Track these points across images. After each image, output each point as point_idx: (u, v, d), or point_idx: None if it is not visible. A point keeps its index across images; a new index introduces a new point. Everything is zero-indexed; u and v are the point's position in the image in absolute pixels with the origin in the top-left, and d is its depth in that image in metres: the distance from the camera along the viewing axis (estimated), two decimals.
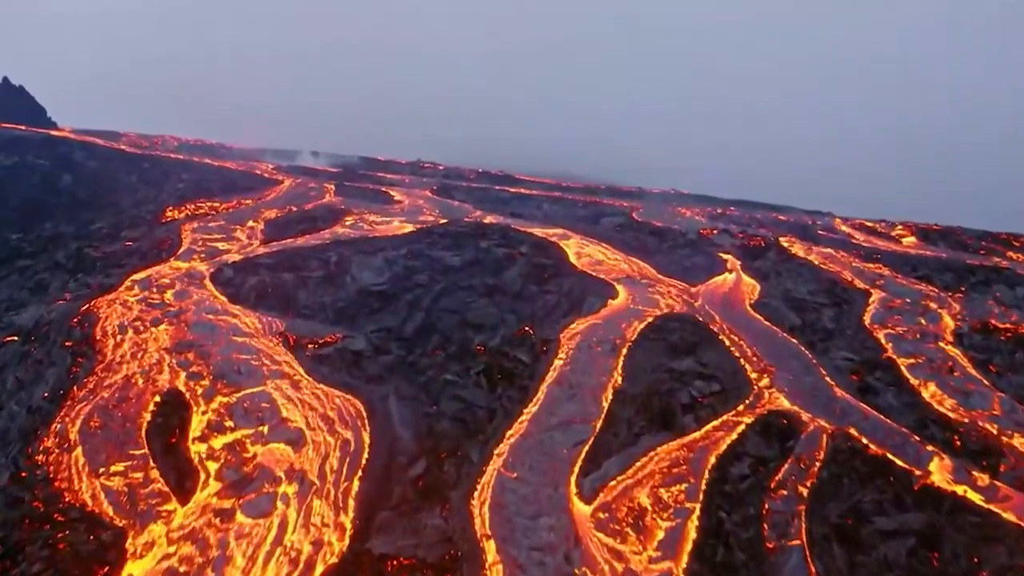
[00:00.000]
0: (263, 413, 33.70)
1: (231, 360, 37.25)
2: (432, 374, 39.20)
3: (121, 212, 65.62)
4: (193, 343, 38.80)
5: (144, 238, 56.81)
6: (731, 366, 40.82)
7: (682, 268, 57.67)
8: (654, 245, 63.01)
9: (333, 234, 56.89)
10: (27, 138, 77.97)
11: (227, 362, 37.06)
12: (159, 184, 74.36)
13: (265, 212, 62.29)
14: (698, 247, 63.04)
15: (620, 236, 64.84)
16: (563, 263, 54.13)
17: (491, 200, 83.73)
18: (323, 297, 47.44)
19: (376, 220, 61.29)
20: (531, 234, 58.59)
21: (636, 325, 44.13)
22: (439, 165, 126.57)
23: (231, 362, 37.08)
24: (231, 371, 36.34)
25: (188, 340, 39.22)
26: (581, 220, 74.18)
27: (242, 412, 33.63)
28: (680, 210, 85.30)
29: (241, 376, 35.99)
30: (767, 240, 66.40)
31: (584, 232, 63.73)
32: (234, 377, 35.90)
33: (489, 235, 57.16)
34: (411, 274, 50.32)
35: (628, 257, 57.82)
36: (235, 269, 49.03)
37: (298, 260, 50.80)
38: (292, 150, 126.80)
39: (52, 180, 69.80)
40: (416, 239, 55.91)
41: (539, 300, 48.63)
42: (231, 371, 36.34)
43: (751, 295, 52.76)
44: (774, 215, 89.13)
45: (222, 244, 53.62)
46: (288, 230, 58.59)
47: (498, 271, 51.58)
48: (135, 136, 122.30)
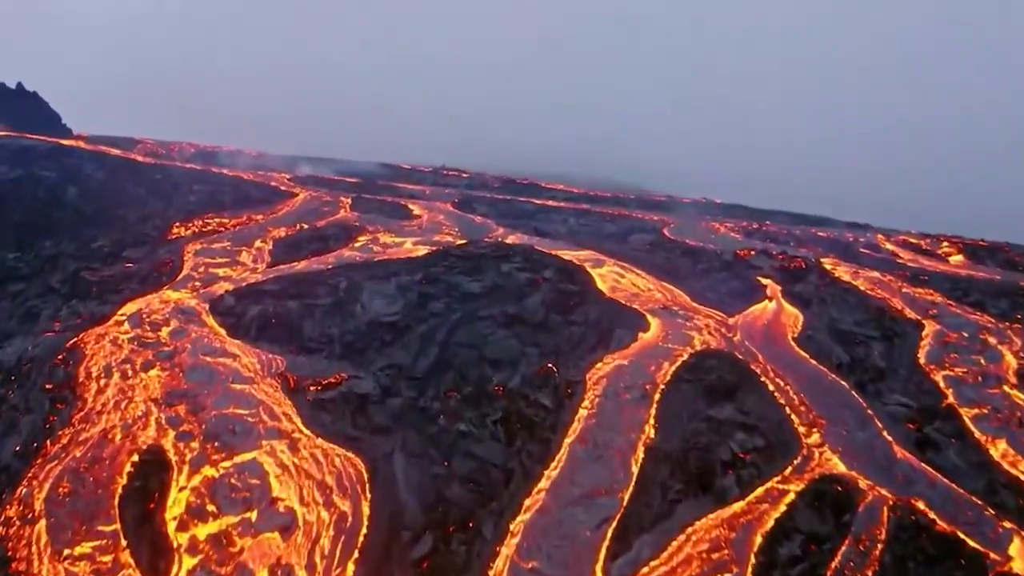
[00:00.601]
0: (251, 492, 30.02)
1: (225, 417, 33.59)
2: (444, 423, 35.63)
3: (126, 228, 62.51)
4: (186, 393, 35.19)
5: (145, 259, 53.69)
6: (776, 415, 36.83)
7: (718, 294, 53.67)
8: (687, 268, 58.95)
9: (344, 256, 53.40)
10: (35, 148, 75.21)
11: (221, 419, 33.40)
12: (169, 197, 71.30)
13: (274, 231, 58.88)
14: (735, 270, 58.90)
15: (651, 257, 60.85)
16: (590, 289, 50.31)
17: (515, 214, 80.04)
18: (330, 328, 44.01)
19: (391, 240, 57.73)
20: (556, 256, 54.76)
21: (668, 368, 40.19)
22: (463, 173, 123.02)
23: (225, 419, 33.43)
24: (224, 430, 32.72)
25: (181, 389, 35.62)
26: (609, 238, 70.29)
27: (228, 492, 29.94)
28: (713, 225, 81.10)
29: (235, 437, 32.29)
30: (808, 262, 62.11)
31: (612, 253, 59.82)
32: (227, 438, 32.20)
33: (511, 257, 53.38)
34: (426, 302, 46.75)
35: (660, 282, 53.88)
36: (237, 297, 45.69)
37: (305, 286, 47.36)
38: (317, 157, 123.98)
39: (58, 193, 66.90)
40: (432, 262, 52.25)
41: (563, 332, 44.90)
42: (224, 430, 32.72)
43: (794, 327, 48.68)
44: (813, 230, 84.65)
45: (224, 270, 50.21)
46: (297, 251, 55.22)
47: (520, 298, 47.86)
48: (152, 143, 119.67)
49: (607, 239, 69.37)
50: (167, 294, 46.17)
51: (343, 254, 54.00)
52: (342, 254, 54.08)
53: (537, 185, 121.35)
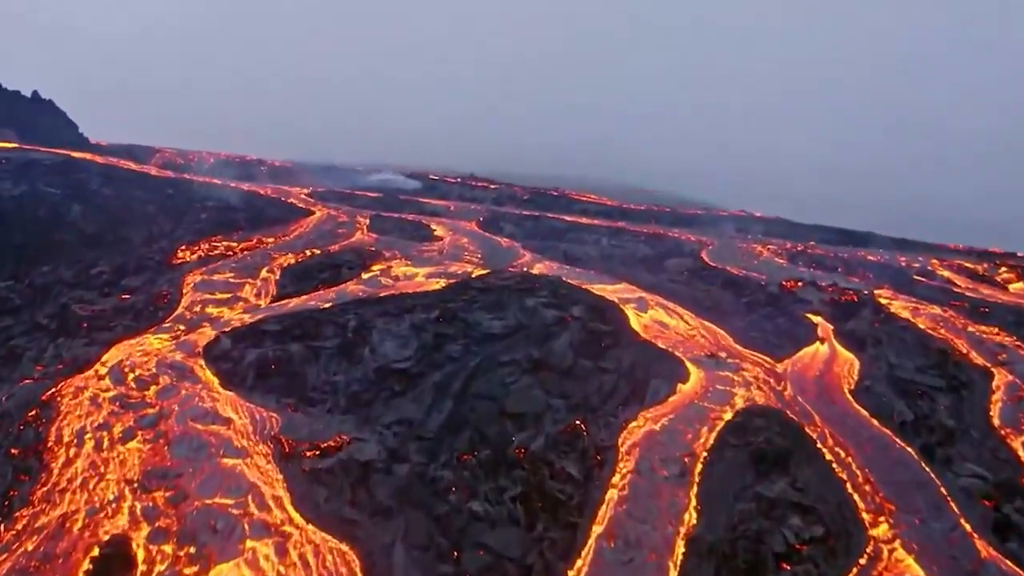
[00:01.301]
0: None
1: (208, 511, 28.89)
2: (455, 500, 31.28)
3: (129, 252, 58.85)
4: (168, 473, 30.59)
5: (144, 289, 49.90)
6: (836, 495, 32.09)
7: (764, 334, 48.91)
8: (730, 302, 54.17)
9: (355, 288, 49.20)
10: (41, 162, 71.92)
11: (203, 513, 28.70)
12: (179, 215, 67.69)
13: (282, 258, 54.73)
14: (782, 304, 54.01)
15: (690, 289, 56.12)
16: (623, 329, 45.76)
17: (543, 233, 75.68)
18: (336, 375, 39.82)
19: (407, 270, 53.42)
20: (586, 291, 50.24)
21: (708, 435, 35.49)
22: (491, 184, 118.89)
23: (208, 513, 28.73)
24: (205, 528, 28.14)
25: (163, 468, 30.92)
26: (644, 262, 65.70)
27: None
28: (755, 247, 76.11)
29: (215, 539, 27.64)
30: (861, 295, 57.09)
31: (648, 285, 55.15)
32: (206, 540, 27.53)
33: (536, 291, 48.95)
34: (442, 344, 42.44)
35: (700, 319, 49.21)
36: (235, 339, 41.56)
37: (310, 325, 43.19)
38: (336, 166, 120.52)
39: (61, 212, 63.42)
40: (451, 296, 47.92)
41: (593, 380, 40.41)
42: (205, 528, 28.14)
43: (849, 375, 43.85)
44: (861, 253, 79.35)
45: (222, 309, 46.05)
46: (306, 281, 51.11)
47: (545, 339, 43.43)
48: (171, 153, 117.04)
49: (642, 264, 64.82)
50: (157, 340, 42.07)
51: (354, 286, 49.76)
52: (354, 286, 49.85)
53: (567, 196, 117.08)
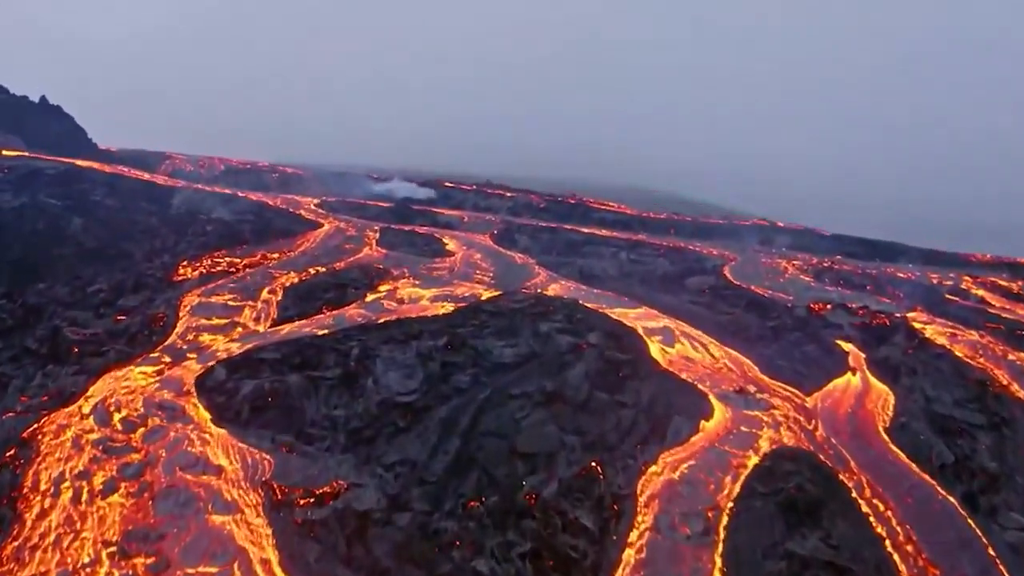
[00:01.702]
0: None
1: None
2: (459, 557, 28.85)
3: (129, 268, 56.74)
4: (150, 535, 28.00)
5: (140, 310, 47.71)
6: (874, 555, 29.44)
7: (792, 362, 46.20)
8: (756, 326, 51.38)
9: (360, 312, 46.76)
10: (45, 171, 69.96)
11: None
12: (183, 228, 65.60)
13: (284, 277, 52.33)
14: (810, 329, 51.23)
15: (712, 312, 53.40)
16: (642, 358, 43.16)
17: (559, 247, 73.13)
18: (336, 409, 37.40)
19: (415, 291, 50.90)
20: (603, 315, 47.65)
21: (733, 486, 32.83)
22: (507, 192, 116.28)
23: None
24: None
25: (145, 527, 28.39)
26: (664, 280, 63.01)
27: None
28: (779, 263, 73.24)
29: None
30: (892, 318, 54.22)
31: (668, 307, 52.50)
32: None
33: (551, 315, 46.42)
34: (449, 374, 39.97)
35: (724, 347, 46.50)
36: (230, 369, 39.18)
37: (311, 353, 40.78)
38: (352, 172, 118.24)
39: (61, 225, 61.45)
40: (460, 320, 45.44)
41: (611, 416, 37.86)
42: None
43: (884, 411, 41.12)
44: (890, 269, 76.24)
45: (220, 336, 43.57)
46: (309, 303, 48.76)
47: (560, 369, 40.90)
48: (182, 159, 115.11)
49: (661, 283, 62.12)
50: (149, 370, 39.65)
51: (359, 310, 47.29)
52: (358, 310, 47.41)
53: (585, 204, 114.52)
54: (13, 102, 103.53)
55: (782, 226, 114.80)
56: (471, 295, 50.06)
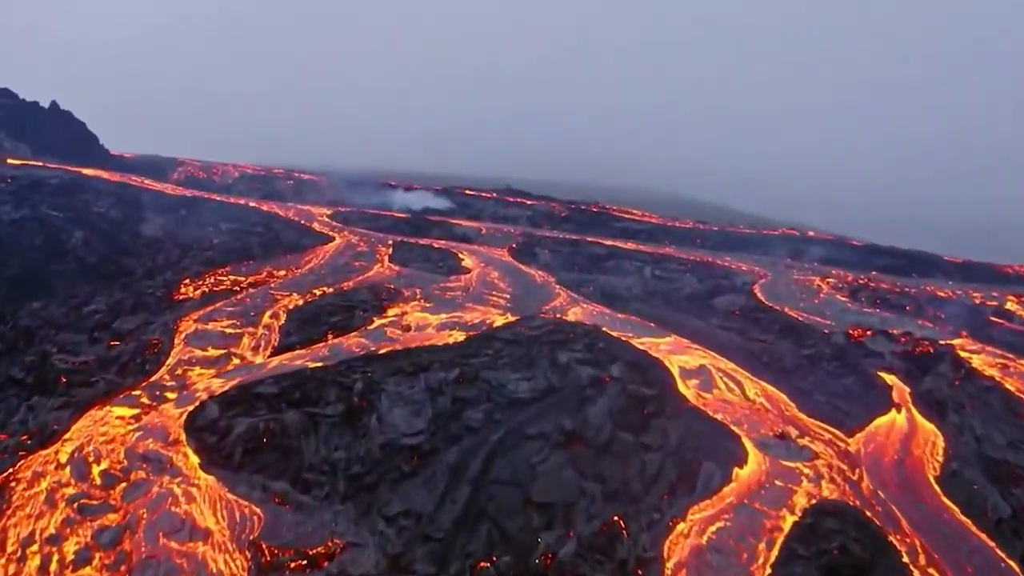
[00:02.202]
0: None
1: None
2: None
3: (129, 285, 54.14)
4: None
5: (134, 335, 45.00)
6: None
7: (831, 398, 42.81)
8: (791, 355, 47.94)
9: (366, 339, 43.75)
10: (48, 181, 67.54)
11: None
12: (189, 241, 62.99)
13: (287, 299, 49.36)
14: (850, 359, 47.74)
15: (744, 340, 49.99)
16: (670, 393, 39.91)
17: (581, 261, 69.91)
18: (336, 451, 34.47)
19: (426, 316, 47.79)
20: (627, 344, 44.44)
21: (769, 553, 29.53)
22: (527, 199, 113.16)
23: None
24: None
25: None
26: (691, 300, 59.65)
27: None
28: (812, 280, 69.58)
29: None
30: (936, 345, 50.61)
31: (696, 332, 49.14)
32: None
33: (571, 343, 43.30)
34: (461, 411, 36.95)
35: (758, 380, 43.10)
36: (224, 405, 36.26)
37: (311, 387, 37.79)
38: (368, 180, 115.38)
39: (61, 239, 58.98)
40: (474, 350, 42.37)
41: (635, 460, 34.76)
42: None
43: (932, 456, 37.71)
44: (929, 288, 72.29)
45: (214, 368, 40.60)
46: (314, 328, 45.84)
47: (580, 405, 37.82)
48: (195, 166, 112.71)
49: (688, 303, 58.78)
50: (136, 408, 36.75)
51: (365, 337, 44.24)
52: (364, 337, 44.39)
53: (608, 212, 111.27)
54: (23, 108, 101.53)
55: (812, 236, 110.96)
56: (486, 320, 46.92)
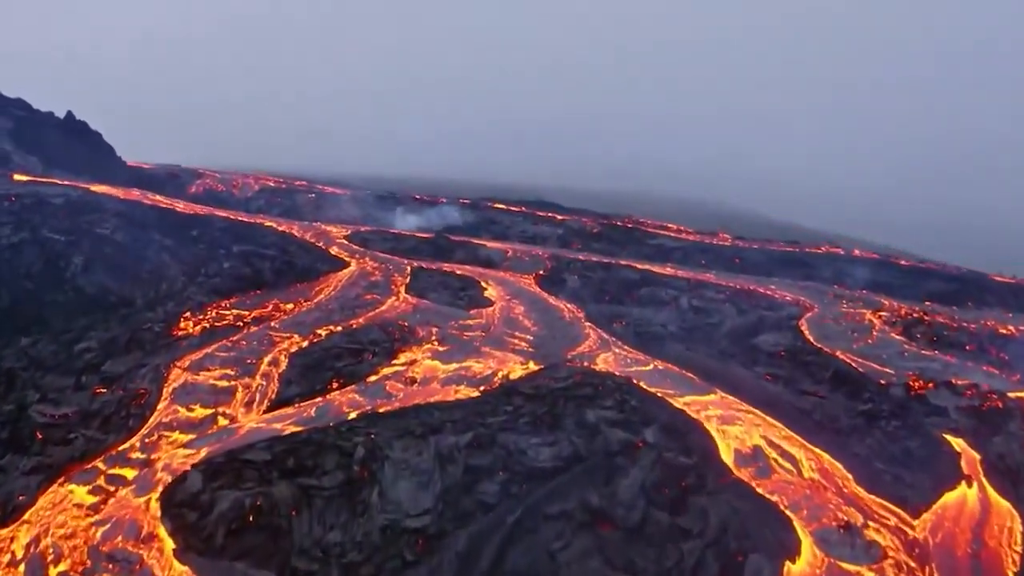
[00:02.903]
0: None
1: None
2: None
3: (128, 318, 50.59)
4: None
5: (123, 380, 41.36)
6: None
7: (893, 466, 38.07)
8: (845, 411, 43.16)
9: (372, 394, 39.60)
10: (52, 200, 64.13)
11: None
12: (198, 265, 59.41)
13: (290, 341, 45.28)
14: (911, 417, 42.83)
15: (792, 393, 45.27)
16: (711, 464, 35.49)
17: (613, 289, 65.52)
18: (331, 532, 30.53)
19: (438, 362, 43.39)
20: (662, 401, 39.99)
21: None
22: (558, 215, 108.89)
23: None
24: None
25: None
26: (732, 339, 55.00)
27: None
28: (862, 313, 64.51)
29: None
30: (1005, 399, 45.58)
31: (741, 385, 44.52)
32: None
33: (599, 399, 39.00)
34: (473, 483, 32.87)
35: (811, 446, 38.37)
36: (208, 475, 32.29)
37: (307, 452, 33.71)
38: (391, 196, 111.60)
39: (60, 266, 55.56)
40: (491, 407, 38.17)
41: (671, 549, 30.57)
42: None
43: (1010, 545, 32.93)
44: (989, 323, 66.72)
45: (199, 431, 36.61)
46: (316, 375, 41.78)
47: (609, 477, 33.64)
48: (214, 178, 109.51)
49: (729, 343, 54.19)
50: (108, 483, 32.91)
51: (370, 390, 40.07)
52: (370, 388, 40.26)
53: (641, 228, 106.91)
54: (36, 119, 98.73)
55: (858, 256, 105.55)
56: (505, 370, 42.54)
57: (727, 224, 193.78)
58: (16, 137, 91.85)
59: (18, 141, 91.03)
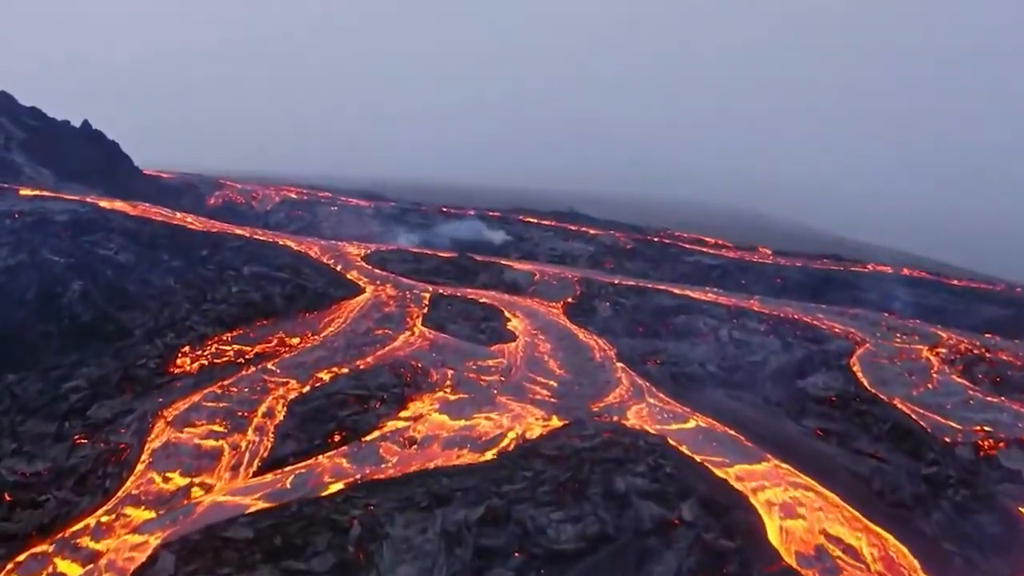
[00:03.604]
0: None
1: None
2: None
3: (122, 352, 47.01)
4: None
5: (105, 431, 37.82)
6: None
7: (964, 548, 33.45)
8: (908, 478, 38.33)
9: (372, 457, 35.41)
10: (55, 218, 60.77)
11: None
12: (204, 290, 55.71)
13: (288, 387, 41.30)
14: (981, 485, 38.05)
15: (847, 455, 40.60)
16: (757, 548, 30.92)
17: (647, 318, 61.04)
18: None
19: (445, 417, 38.98)
20: (701, 468, 35.50)
21: None
22: (590, 228, 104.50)
23: None
24: None
25: None
26: (777, 382, 50.30)
27: None
28: (918, 349, 59.39)
29: None
30: None
31: (789, 445, 39.96)
32: None
33: (631, 464, 34.57)
34: (484, 569, 28.74)
35: (868, 521, 33.73)
36: (181, 556, 28.40)
37: (296, 528, 29.67)
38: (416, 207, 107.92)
39: (57, 292, 52.00)
40: (507, 472, 33.90)
41: None
42: None
43: None
44: None
45: (168, 508, 32.62)
46: (316, 428, 37.76)
47: (641, 561, 29.39)
48: (234, 189, 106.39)
49: (774, 387, 49.54)
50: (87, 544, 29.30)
51: (369, 450, 35.91)
52: (373, 449, 36.15)
53: (677, 244, 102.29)
54: (50, 129, 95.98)
55: (907, 274, 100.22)
56: (522, 426, 38.11)
57: (764, 233, 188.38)
58: (29, 148, 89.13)
59: (31, 152, 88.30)
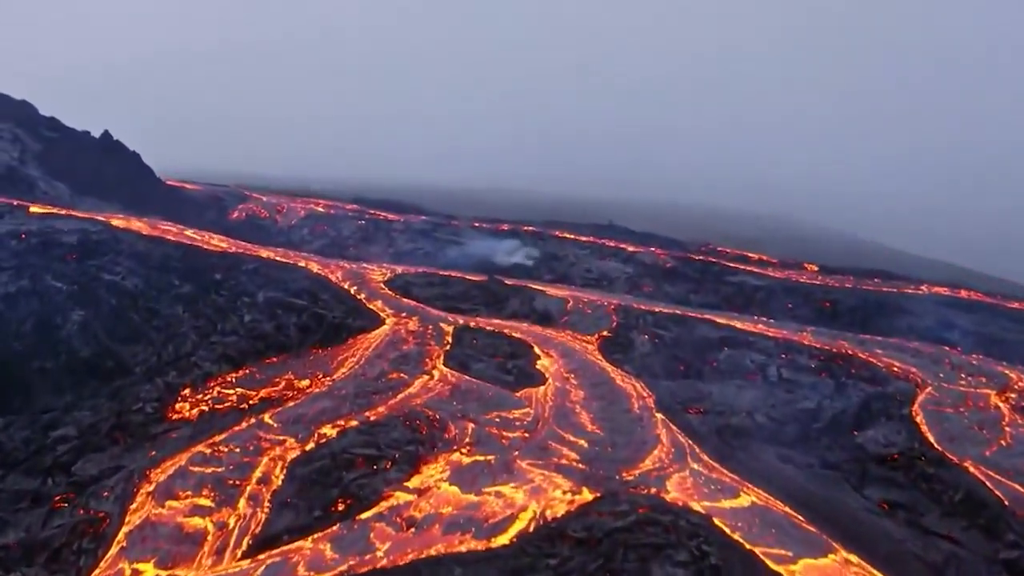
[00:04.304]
0: None
1: None
2: None
3: (119, 392, 43.67)
4: None
5: (87, 493, 34.29)
6: None
7: None
8: (983, 562, 33.75)
9: (370, 540, 31.31)
10: (62, 239, 57.32)
11: None
12: (214, 320, 52.22)
13: (286, 446, 37.36)
14: None
15: (919, 539, 35.80)
16: None
17: (688, 355, 56.43)
18: None
19: (456, 489, 34.60)
20: (750, 556, 31.04)
21: None
22: (628, 245, 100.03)
23: None
24: None
25: None
26: (833, 435, 45.57)
27: None
28: (987, 395, 54.04)
29: None
30: None
31: (851, 525, 35.33)
32: None
33: (671, 552, 30.24)
34: None
35: None
36: None
37: None
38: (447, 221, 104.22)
39: (56, 322, 48.65)
40: (529, 561, 29.70)
41: None
42: None
43: None
44: None
45: None
46: (317, 498, 33.71)
47: None
48: (259, 203, 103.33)
49: (830, 442, 44.87)
50: None
51: (366, 532, 31.81)
52: (378, 524, 32.11)
53: (720, 263, 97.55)
54: (69, 140, 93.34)
55: (964, 296, 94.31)
56: (544, 501, 33.74)
57: (804, 244, 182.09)
58: (45, 161, 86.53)
59: (47, 166, 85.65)
